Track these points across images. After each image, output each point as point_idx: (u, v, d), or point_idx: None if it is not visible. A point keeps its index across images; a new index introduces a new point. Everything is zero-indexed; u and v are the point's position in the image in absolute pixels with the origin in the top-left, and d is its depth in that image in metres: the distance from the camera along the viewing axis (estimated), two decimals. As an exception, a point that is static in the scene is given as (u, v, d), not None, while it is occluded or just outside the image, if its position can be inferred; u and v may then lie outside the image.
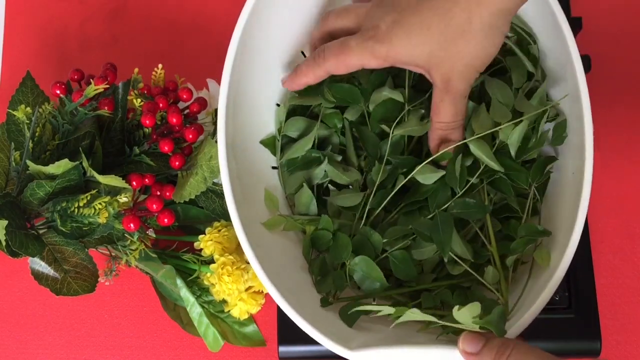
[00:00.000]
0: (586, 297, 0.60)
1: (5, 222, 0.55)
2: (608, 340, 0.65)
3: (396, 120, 0.53)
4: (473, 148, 0.50)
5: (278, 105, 0.58)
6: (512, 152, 0.51)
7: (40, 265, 0.60)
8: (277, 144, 0.57)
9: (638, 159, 0.69)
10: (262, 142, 0.57)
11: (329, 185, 0.58)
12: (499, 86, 0.53)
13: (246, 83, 0.55)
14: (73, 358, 0.68)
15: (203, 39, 0.75)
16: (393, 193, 0.53)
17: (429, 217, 0.52)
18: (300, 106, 0.58)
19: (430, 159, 0.51)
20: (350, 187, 0.57)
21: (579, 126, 0.49)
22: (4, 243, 0.56)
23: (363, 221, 0.54)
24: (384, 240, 0.53)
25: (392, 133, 0.53)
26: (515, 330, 0.46)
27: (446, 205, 0.51)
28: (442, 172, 0.51)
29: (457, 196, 0.51)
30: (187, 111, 0.64)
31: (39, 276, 0.60)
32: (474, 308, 0.43)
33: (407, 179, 0.52)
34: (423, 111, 0.54)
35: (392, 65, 0.49)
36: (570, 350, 0.59)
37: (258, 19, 0.53)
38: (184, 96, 0.65)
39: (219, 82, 0.52)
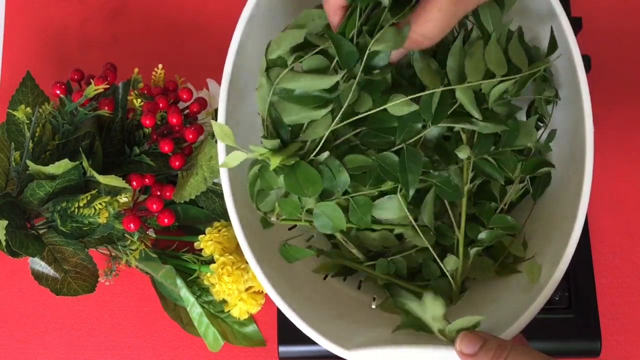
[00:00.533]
0: (586, 297, 0.60)
1: (5, 222, 0.55)
2: (608, 340, 0.65)
3: (376, 33, 0.46)
4: (459, 93, 0.47)
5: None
6: (490, 102, 0.48)
7: (40, 265, 0.60)
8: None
9: (638, 159, 0.69)
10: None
11: None
12: (495, 20, 0.48)
13: (246, 83, 0.55)
14: (73, 358, 0.68)
15: (203, 39, 0.75)
16: (360, 116, 0.47)
17: (393, 149, 0.48)
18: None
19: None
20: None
21: (579, 126, 0.49)
22: (4, 243, 0.56)
23: (321, 144, 0.48)
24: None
25: (369, 49, 0.46)
26: (513, 331, 0.46)
27: (427, 174, 0.49)
28: (416, 107, 0.46)
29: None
30: (187, 111, 0.64)
31: (39, 276, 0.60)
32: (437, 307, 0.44)
33: (378, 109, 0.47)
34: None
35: None
36: (570, 350, 0.59)
37: (258, 19, 0.53)
38: (184, 96, 0.65)
39: (219, 82, 0.52)
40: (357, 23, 0.47)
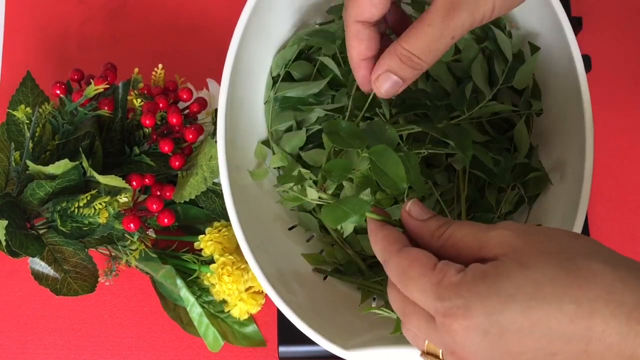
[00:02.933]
0: (586, 297, 0.60)
1: (5, 222, 0.55)
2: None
3: None
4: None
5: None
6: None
7: (40, 265, 0.60)
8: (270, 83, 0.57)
9: (638, 158, 0.69)
10: (263, 142, 0.57)
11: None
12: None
13: (246, 83, 0.55)
14: (73, 358, 0.67)
15: (203, 39, 0.75)
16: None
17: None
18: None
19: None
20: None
21: (579, 126, 0.49)
22: (4, 243, 0.56)
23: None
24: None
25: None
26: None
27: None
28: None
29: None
30: (187, 111, 0.64)
31: (39, 276, 0.60)
32: None
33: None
34: None
35: None
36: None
37: (258, 19, 0.53)
38: (184, 96, 0.65)
39: (219, 82, 0.52)
40: None
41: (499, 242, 0.35)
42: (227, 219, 0.63)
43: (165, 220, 0.61)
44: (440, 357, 0.37)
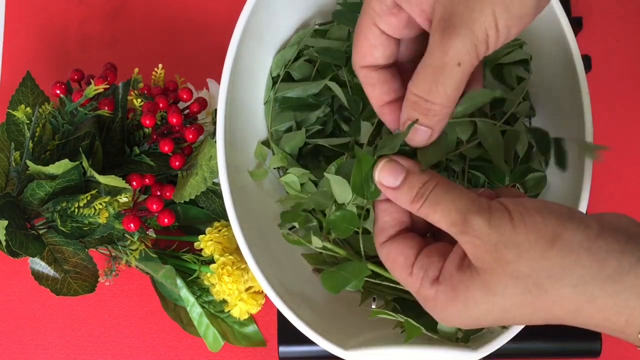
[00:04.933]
0: (586, 297, 0.60)
1: (5, 222, 0.55)
2: (608, 341, 0.64)
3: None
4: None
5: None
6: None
7: (40, 265, 0.60)
8: (270, 83, 0.57)
9: (638, 159, 0.69)
10: (263, 143, 0.57)
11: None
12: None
13: (246, 83, 0.55)
14: (73, 358, 0.68)
15: (203, 39, 0.75)
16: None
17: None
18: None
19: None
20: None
21: (579, 126, 0.49)
22: (4, 243, 0.56)
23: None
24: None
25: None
26: (511, 332, 0.46)
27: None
28: None
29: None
30: (187, 111, 0.64)
31: (39, 276, 0.60)
32: None
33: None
34: None
35: None
36: (570, 350, 0.59)
37: (258, 18, 0.53)
38: (184, 96, 0.65)
39: (219, 82, 0.52)
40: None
41: (471, 247, 0.34)
42: (227, 219, 0.63)
43: (165, 220, 0.61)
44: None
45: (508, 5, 0.33)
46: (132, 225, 0.59)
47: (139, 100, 0.62)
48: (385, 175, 0.38)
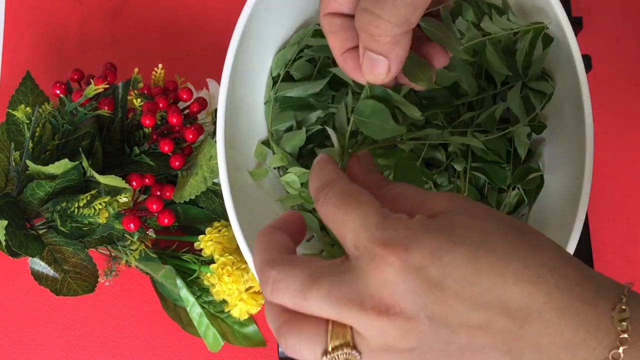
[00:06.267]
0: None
1: (5, 222, 0.55)
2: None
3: None
4: (489, 50, 0.47)
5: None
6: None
7: (40, 265, 0.60)
8: (271, 83, 0.56)
9: (638, 159, 0.69)
10: (263, 142, 0.57)
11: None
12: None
13: (246, 83, 0.55)
14: (73, 358, 0.67)
15: (203, 39, 0.75)
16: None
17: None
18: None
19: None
20: None
21: (579, 126, 0.49)
22: (4, 243, 0.56)
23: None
24: None
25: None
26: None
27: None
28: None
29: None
30: (187, 111, 0.64)
31: (39, 276, 0.60)
32: None
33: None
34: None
35: None
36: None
37: (258, 18, 0.53)
38: (184, 96, 0.65)
39: (219, 82, 0.52)
40: None
41: (446, 198, 0.32)
42: (227, 219, 0.63)
43: (165, 220, 0.61)
44: (352, 347, 0.30)
45: None
46: (132, 225, 0.59)
47: (139, 100, 0.62)
48: (357, 168, 0.36)
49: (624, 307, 0.28)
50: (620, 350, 0.28)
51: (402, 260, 0.28)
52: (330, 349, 0.29)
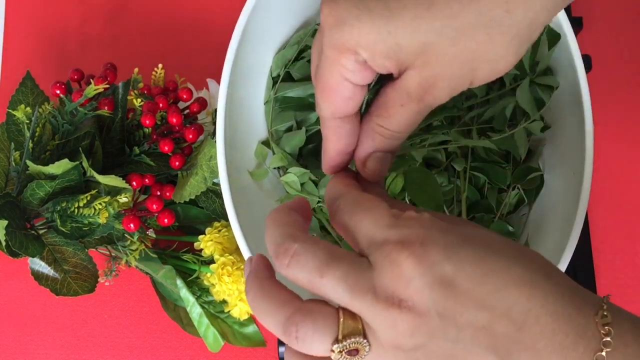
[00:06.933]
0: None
1: (5, 222, 0.55)
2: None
3: None
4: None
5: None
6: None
7: (40, 265, 0.60)
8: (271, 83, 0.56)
9: (638, 159, 0.69)
10: (263, 143, 0.57)
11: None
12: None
13: (246, 83, 0.55)
14: (73, 358, 0.67)
15: (203, 39, 0.75)
16: None
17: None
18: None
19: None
20: None
21: (579, 126, 0.49)
22: (4, 243, 0.56)
23: None
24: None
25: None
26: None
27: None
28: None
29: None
30: (187, 111, 0.64)
31: (39, 276, 0.60)
32: None
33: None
34: None
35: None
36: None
37: (258, 18, 0.53)
38: (184, 96, 0.65)
39: (219, 82, 0.52)
40: None
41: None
42: (227, 219, 0.63)
43: (165, 220, 0.61)
44: (362, 335, 0.30)
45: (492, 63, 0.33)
46: (132, 225, 0.59)
47: (139, 100, 0.62)
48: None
49: (605, 314, 0.30)
50: (604, 353, 0.29)
51: (418, 256, 0.29)
52: (341, 337, 0.30)
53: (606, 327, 0.30)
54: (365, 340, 0.30)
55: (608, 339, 0.29)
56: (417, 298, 0.29)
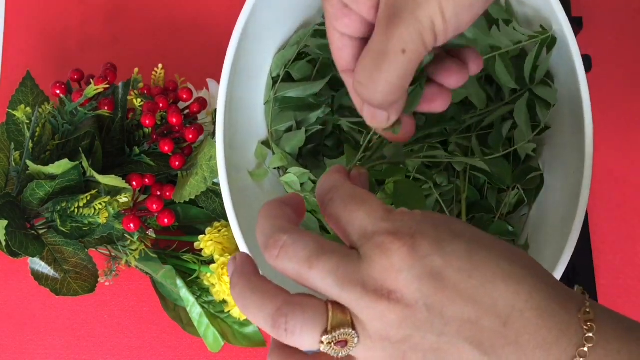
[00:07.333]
0: (587, 297, 0.60)
1: (5, 222, 0.55)
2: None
3: None
4: (498, 64, 0.48)
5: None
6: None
7: (40, 265, 0.60)
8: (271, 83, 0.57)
9: (638, 159, 0.69)
10: (263, 143, 0.57)
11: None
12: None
13: (246, 83, 0.55)
14: (73, 358, 0.67)
15: (203, 39, 0.75)
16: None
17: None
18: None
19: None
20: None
21: (579, 126, 0.49)
22: (4, 243, 0.56)
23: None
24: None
25: None
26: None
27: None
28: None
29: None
30: (187, 111, 0.64)
31: (39, 276, 0.60)
32: None
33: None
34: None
35: None
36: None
37: (258, 18, 0.53)
38: (184, 96, 0.65)
39: (219, 82, 0.52)
40: None
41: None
42: (227, 219, 0.63)
43: (165, 220, 0.61)
44: (351, 327, 0.30)
45: None
46: (132, 225, 0.59)
47: (139, 100, 0.62)
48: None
49: (588, 310, 0.31)
50: (586, 348, 0.30)
51: (409, 247, 0.30)
52: (330, 328, 0.30)
53: (589, 324, 0.30)
54: (354, 332, 0.30)
55: (590, 334, 0.30)
56: (406, 290, 0.29)
